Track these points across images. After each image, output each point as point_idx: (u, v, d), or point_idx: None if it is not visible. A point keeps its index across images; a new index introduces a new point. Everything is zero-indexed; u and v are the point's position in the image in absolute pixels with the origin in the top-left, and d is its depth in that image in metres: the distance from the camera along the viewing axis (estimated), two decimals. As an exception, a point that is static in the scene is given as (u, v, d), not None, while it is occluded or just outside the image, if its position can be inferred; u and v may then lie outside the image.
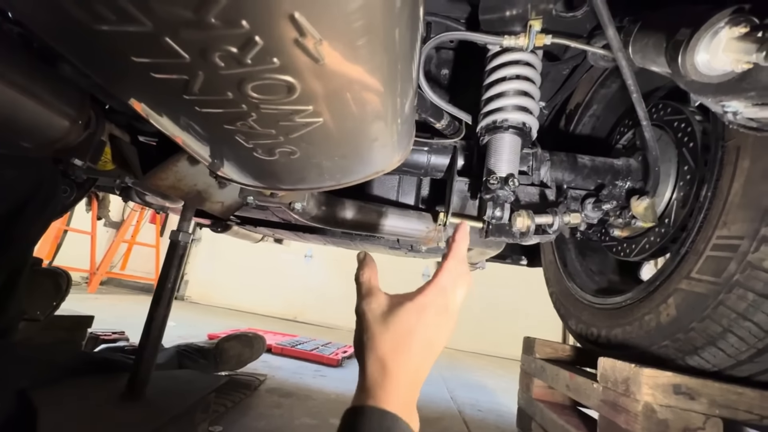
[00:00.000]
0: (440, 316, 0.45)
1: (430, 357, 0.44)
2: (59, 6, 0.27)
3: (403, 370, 0.42)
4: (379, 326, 0.44)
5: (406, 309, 0.44)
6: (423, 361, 0.44)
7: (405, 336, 0.43)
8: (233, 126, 0.42)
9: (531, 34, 0.77)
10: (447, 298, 0.46)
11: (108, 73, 0.38)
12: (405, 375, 0.42)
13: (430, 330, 0.44)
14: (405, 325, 0.43)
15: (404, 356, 0.42)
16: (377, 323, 0.45)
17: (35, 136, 0.70)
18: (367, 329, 0.45)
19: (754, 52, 0.41)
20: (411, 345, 0.43)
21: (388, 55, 0.38)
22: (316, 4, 0.28)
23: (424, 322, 0.44)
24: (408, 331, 0.43)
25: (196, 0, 0.25)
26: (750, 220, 0.64)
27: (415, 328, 0.43)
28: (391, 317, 0.44)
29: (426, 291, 0.46)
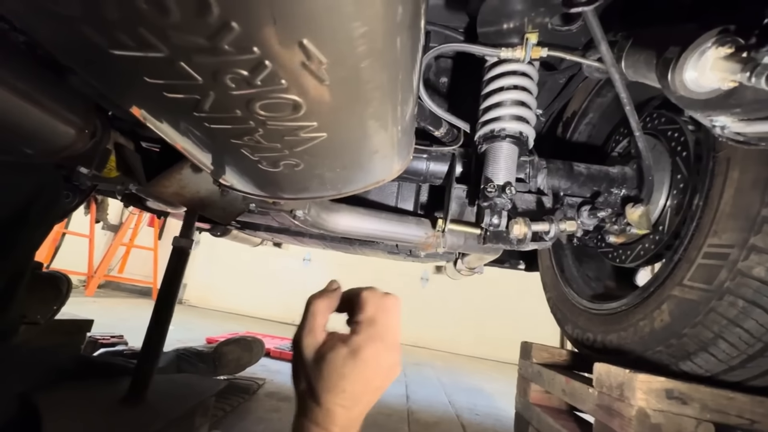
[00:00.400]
0: (377, 351, 0.44)
1: (370, 394, 0.45)
2: (80, 32, 0.28)
3: (340, 409, 0.42)
4: (312, 367, 0.44)
5: (339, 354, 0.44)
6: (360, 400, 0.44)
7: (338, 380, 0.43)
8: (240, 140, 0.43)
9: (528, 46, 0.79)
10: (378, 330, 0.45)
11: (120, 91, 0.39)
12: (342, 414, 0.42)
13: (369, 369, 0.44)
14: (338, 370, 0.43)
15: (339, 397, 0.42)
16: (310, 363, 0.44)
17: (42, 145, 0.71)
18: (302, 366, 0.45)
19: (738, 71, 0.43)
20: (345, 387, 0.43)
21: (390, 72, 0.40)
22: (323, 32, 0.29)
23: (359, 364, 0.43)
24: (341, 375, 0.43)
25: (211, 29, 0.27)
26: (740, 230, 0.66)
27: (350, 373, 0.43)
28: (324, 362, 0.44)
29: (358, 330, 0.45)
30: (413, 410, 1.89)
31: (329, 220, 1.10)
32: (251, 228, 1.63)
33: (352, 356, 0.43)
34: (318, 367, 0.44)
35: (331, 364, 0.43)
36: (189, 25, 0.27)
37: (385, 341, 0.45)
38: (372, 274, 4.91)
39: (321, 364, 0.44)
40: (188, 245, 0.95)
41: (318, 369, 0.44)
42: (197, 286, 4.99)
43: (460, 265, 1.77)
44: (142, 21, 0.26)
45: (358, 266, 4.81)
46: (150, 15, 0.25)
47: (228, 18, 0.26)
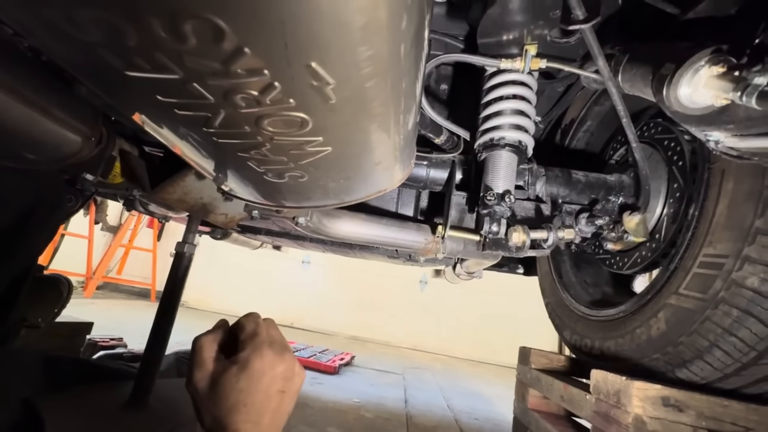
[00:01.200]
0: (265, 358, 0.46)
1: (275, 402, 0.45)
2: (98, 55, 0.29)
3: (248, 426, 0.43)
4: (209, 396, 0.44)
5: (230, 372, 0.44)
6: (265, 411, 0.44)
7: (237, 397, 0.43)
8: (247, 154, 0.45)
9: (527, 58, 0.80)
10: (262, 339, 0.47)
11: (131, 107, 0.40)
12: (251, 430, 0.43)
13: (264, 377, 0.45)
14: (234, 387, 0.44)
15: (242, 414, 0.43)
16: (207, 393, 0.45)
17: (48, 152, 0.72)
18: (200, 401, 0.45)
19: (731, 90, 0.44)
20: (245, 401, 0.43)
21: (394, 88, 0.41)
22: (331, 55, 0.31)
23: (252, 375, 0.44)
24: (238, 391, 0.43)
25: (225, 54, 0.28)
26: (734, 240, 0.67)
27: (246, 386, 0.44)
28: (218, 385, 0.44)
29: (243, 346, 0.47)
30: (412, 414, 1.90)
31: (330, 226, 1.11)
32: (252, 231, 1.64)
33: (242, 370, 0.44)
34: (215, 393, 0.44)
35: (226, 384, 0.44)
36: (204, 51, 0.28)
37: (273, 347, 0.47)
38: (371, 278, 4.92)
39: (216, 389, 0.44)
40: (191, 251, 0.96)
41: (215, 394, 0.44)
42: (197, 288, 4.98)
43: (459, 270, 1.78)
44: (158, 46, 0.27)
45: (357, 269, 4.82)
46: (167, 41, 0.27)
47: (242, 44, 0.27)
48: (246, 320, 0.51)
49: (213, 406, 0.44)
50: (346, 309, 4.88)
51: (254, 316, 0.52)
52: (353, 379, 2.41)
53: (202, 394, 0.45)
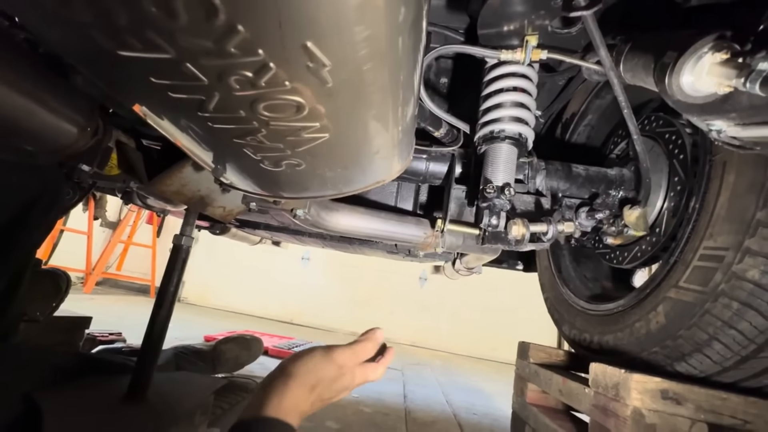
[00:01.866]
0: (341, 382, 0.56)
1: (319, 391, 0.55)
2: (89, 35, 0.29)
3: None
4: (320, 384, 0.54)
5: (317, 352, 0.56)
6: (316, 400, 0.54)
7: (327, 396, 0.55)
8: (243, 140, 0.44)
9: (527, 49, 0.79)
10: (345, 374, 0.57)
11: (125, 91, 0.40)
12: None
13: (335, 385, 0.56)
14: (331, 390, 0.55)
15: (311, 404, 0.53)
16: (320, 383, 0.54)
17: (45, 143, 0.71)
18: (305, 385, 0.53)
19: (734, 77, 0.43)
20: (322, 400, 0.55)
21: (392, 74, 0.40)
22: (327, 35, 0.30)
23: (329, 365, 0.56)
24: (330, 391, 0.55)
25: (218, 32, 0.27)
26: (735, 233, 0.67)
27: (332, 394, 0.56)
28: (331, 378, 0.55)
29: (346, 353, 0.58)
30: (411, 409, 1.90)
31: (329, 220, 1.11)
32: (250, 226, 1.63)
33: (326, 357, 0.56)
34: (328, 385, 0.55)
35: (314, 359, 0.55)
36: (196, 28, 0.27)
37: (345, 386, 0.57)
38: (370, 274, 4.92)
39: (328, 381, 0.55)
40: (188, 243, 0.95)
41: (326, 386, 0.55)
42: (196, 284, 4.99)
43: (459, 265, 1.78)
44: (150, 24, 0.27)
45: (357, 266, 4.82)
46: (158, 18, 0.26)
47: (235, 22, 0.27)
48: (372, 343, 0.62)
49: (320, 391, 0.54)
50: (346, 305, 4.88)
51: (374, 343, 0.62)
52: (352, 375, 2.41)
53: (322, 380, 0.54)
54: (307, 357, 0.55)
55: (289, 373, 0.53)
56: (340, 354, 0.57)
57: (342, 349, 0.57)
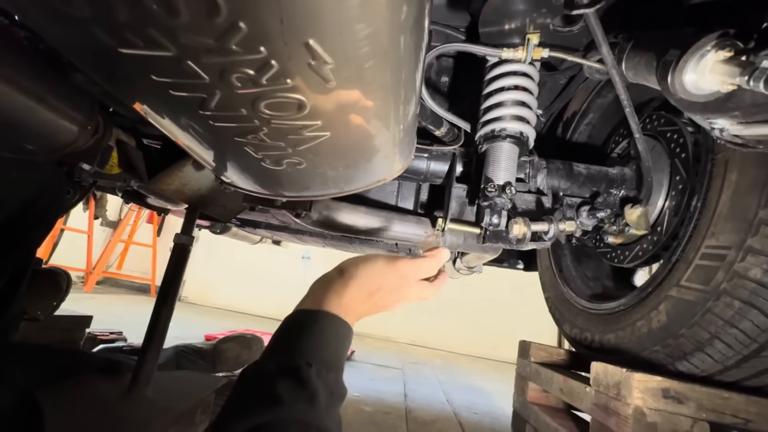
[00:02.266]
0: (399, 293, 0.57)
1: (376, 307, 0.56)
2: (89, 32, 0.29)
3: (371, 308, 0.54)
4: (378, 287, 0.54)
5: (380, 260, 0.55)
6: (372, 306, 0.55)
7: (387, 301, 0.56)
8: (244, 139, 0.44)
9: (529, 47, 0.79)
10: (404, 286, 0.57)
11: (126, 89, 0.40)
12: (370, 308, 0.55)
13: (393, 294, 0.56)
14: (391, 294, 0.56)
15: (371, 308, 0.55)
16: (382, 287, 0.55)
17: (45, 142, 0.71)
18: (365, 287, 0.54)
19: (737, 75, 0.43)
20: (383, 305, 0.56)
21: (394, 72, 0.40)
22: (329, 33, 0.30)
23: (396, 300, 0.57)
24: (387, 295, 0.55)
25: (219, 29, 0.27)
26: (737, 231, 0.67)
27: (392, 301, 0.57)
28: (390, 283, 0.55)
29: (410, 265, 0.57)
30: (411, 408, 1.90)
31: (330, 218, 1.10)
32: (251, 225, 1.63)
33: (390, 265, 0.55)
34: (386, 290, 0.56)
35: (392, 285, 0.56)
36: (198, 26, 0.27)
37: (403, 296, 0.59)
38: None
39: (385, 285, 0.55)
40: (189, 242, 0.95)
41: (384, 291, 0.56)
42: (196, 283, 4.99)
43: (459, 264, 1.78)
44: (151, 21, 0.27)
45: (357, 265, 4.81)
46: (159, 15, 0.26)
47: (236, 19, 0.27)
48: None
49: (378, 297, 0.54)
50: (346, 304, 4.88)
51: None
52: (352, 374, 2.41)
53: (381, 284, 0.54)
54: (370, 262, 0.54)
55: (351, 274, 0.53)
56: (405, 265, 0.55)
57: (406, 261, 0.56)
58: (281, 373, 0.41)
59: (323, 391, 0.40)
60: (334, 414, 0.42)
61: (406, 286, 0.57)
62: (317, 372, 0.41)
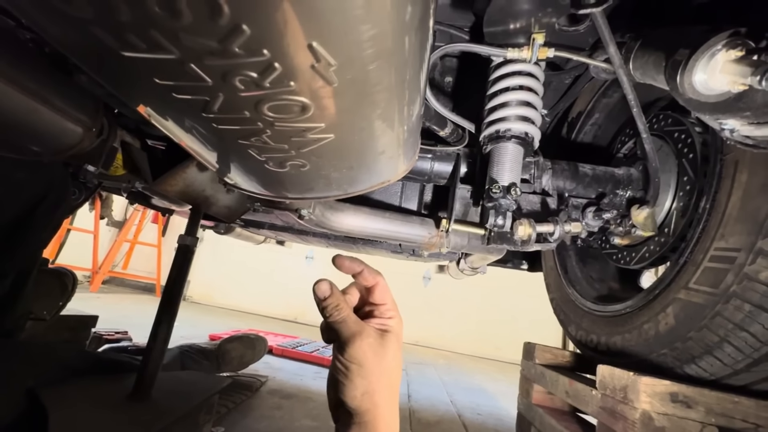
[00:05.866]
0: (399, 332, 0.46)
1: (399, 379, 0.45)
2: (92, 34, 0.28)
3: (387, 407, 0.41)
4: (368, 369, 0.42)
5: (389, 347, 0.43)
6: (397, 386, 0.44)
7: (389, 373, 0.42)
8: (247, 141, 0.44)
9: (534, 47, 0.78)
10: (397, 313, 0.47)
11: (129, 91, 0.39)
12: (390, 410, 0.42)
13: (392, 354, 0.44)
14: (390, 364, 0.43)
15: (387, 394, 0.42)
16: (367, 366, 0.42)
17: (50, 143, 0.71)
18: (354, 377, 0.42)
19: (749, 75, 0.42)
20: (393, 382, 0.43)
21: (398, 73, 0.40)
22: (332, 34, 0.29)
23: (397, 356, 0.44)
24: (392, 367, 0.43)
25: (222, 32, 0.27)
26: (747, 233, 0.65)
27: (395, 366, 0.43)
28: (379, 357, 0.42)
29: (381, 313, 0.46)
30: (415, 409, 1.90)
31: (333, 220, 1.10)
32: (255, 226, 1.63)
33: (395, 346, 0.44)
34: (375, 365, 0.43)
35: (386, 356, 0.43)
36: (200, 28, 0.27)
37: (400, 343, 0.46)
38: (374, 273, 4.90)
39: (376, 360, 0.43)
40: (193, 243, 0.95)
41: (375, 367, 0.43)
42: (200, 283, 5.02)
43: (463, 265, 1.77)
44: (154, 24, 0.26)
45: (361, 265, 4.81)
46: (162, 18, 0.26)
47: (239, 21, 0.26)
48: (378, 279, 0.48)
49: (372, 378, 0.41)
50: (350, 304, 4.88)
51: (381, 276, 0.49)
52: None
53: (366, 364, 0.41)
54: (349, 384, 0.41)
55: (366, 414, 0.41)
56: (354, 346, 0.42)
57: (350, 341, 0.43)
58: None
59: None
60: None
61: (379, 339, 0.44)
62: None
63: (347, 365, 0.42)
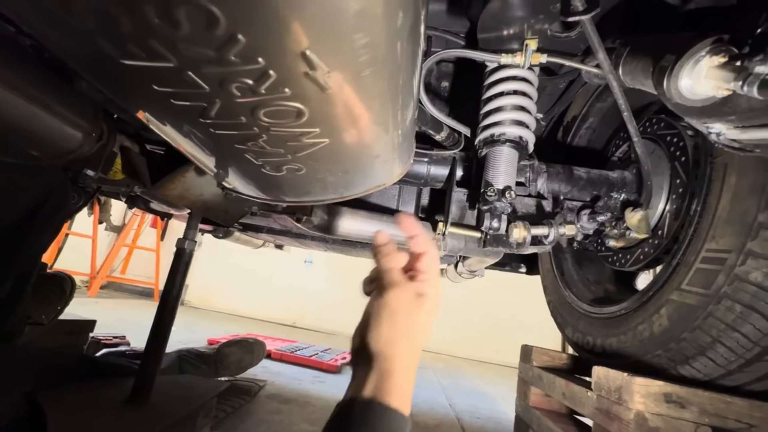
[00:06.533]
0: (435, 305, 0.48)
1: (420, 346, 0.47)
2: (93, 43, 0.29)
3: (405, 362, 0.44)
4: (392, 318, 0.45)
5: (420, 304, 0.46)
6: (417, 350, 0.46)
7: (412, 328, 0.45)
8: (244, 146, 0.45)
9: (527, 52, 0.80)
10: (438, 287, 0.49)
11: (128, 98, 0.40)
12: (408, 366, 0.44)
13: (429, 323, 0.46)
14: (416, 320, 0.45)
15: (406, 346, 0.44)
16: (394, 316, 0.45)
17: (50, 148, 0.72)
18: (379, 322, 0.45)
19: (732, 80, 0.44)
20: (416, 337, 0.45)
21: (391, 79, 0.41)
22: (325, 43, 0.30)
23: (429, 316, 0.46)
24: (415, 323, 0.45)
25: (218, 41, 0.28)
26: (737, 235, 0.66)
27: (421, 324, 0.45)
28: (405, 311, 0.45)
29: (426, 280, 0.48)
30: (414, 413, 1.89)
31: (331, 223, 1.11)
32: (253, 230, 1.64)
33: (426, 306, 0.46)
34: (400, 317, 0.46)
35: (412, 312, 0.46)
36: (198, 38, 0.28)
37: (437, 297, 0.49)
38: (373, 277, 4.90)
39: (402, 313, 0.45)
40: (191, 247, 0.96)
41: (400, 318, 0.46)
42: (199, 287, 5.01)
43: (461, 268, 1.78)
44: (153, 34, 0.27)
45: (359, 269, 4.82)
46: (161, 28, 0.27)
47: (235, 31, 0.27)
48: (430, 248, 0.51)
49: (397, 329, 0.44)
50: (348, 308, 4.88)
51: (434, 247, 0.51)
52: (355, 378, 2.41)
53: (396, 315, 0.45)
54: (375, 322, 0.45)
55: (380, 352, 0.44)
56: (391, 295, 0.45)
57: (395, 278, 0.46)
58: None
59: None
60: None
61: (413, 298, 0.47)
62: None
63: (379, 311, 0.45)
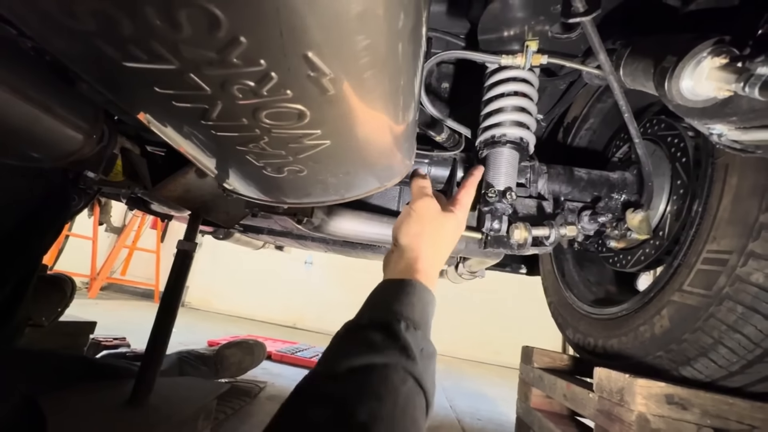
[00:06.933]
0: (459, 223, 0.64)
1: (445, 253, 0.61)
2: (94, 45, 0.29)
3: (430, 254, 0.58)
4: (421, 221, 0.59)
5: (446, 215, 0.62)
6: (442, 255, 0.61)
7: (441, 234, 0.60)
8: (245, 147, 0.45)
9: (528, 54, 0.80)
10: (465, 212, 0.66)
11: (130, 100, 0.40)
12: (432, 258, 0.58)
13: (456, 235, 0.64)
14: (444, 226, 0.60)
15: (432, 248, 0.58)
16: (423, 221, 0.59)
17: (50, 150, 0.72)
18: (410, 223, 0.59)
19: (733, 81, 0.44)
20: (445, 242, 0.60)
21: (392, 81, 0.41)
22: (327, 45, 0.30)
23: (456, 229, 0.63)
24: (444, 229, 0.61)
25: (220, 43, 0.28)
26: (738, 236, 0.66)
27: (450, 232, 0.61)
28: (432, 217, 0.60)
29: (452, 202, 0.65)
30: (414, 414, 1.89)
31: (331, 224, 1.11)
32: (254, 231, 1.64)
33: (453, 219, 0.63)
34: (429, 222, 0.61)
35: (437, 219, 0.62)
36: (199, 40, 0.28)
37: (461, 226, 0.66)
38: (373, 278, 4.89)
39: (430, 219, 0.61)
40: (192, 248, 0.96)
41: (429, 223, 0.61)
42: (199, 288, 5.01)
43: (462, 269, 1.78)
44: (155, 36, 0.27)
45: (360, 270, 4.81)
46: (163, 30, 0.27)
47: (237, 33, 0.27)
48: (469, 190, 0.71)
49: (423, 228, 0.59)
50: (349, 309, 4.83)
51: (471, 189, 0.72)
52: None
53: (423, 218, 0.59)
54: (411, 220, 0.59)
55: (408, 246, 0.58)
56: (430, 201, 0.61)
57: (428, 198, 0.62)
58: (373, 326, 0.44)
59: (414, 345, 0.43)
60: (428, 369, 0.43)
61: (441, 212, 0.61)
62: (405, 327, 0.44)
63: (411, 212, 0.61)
